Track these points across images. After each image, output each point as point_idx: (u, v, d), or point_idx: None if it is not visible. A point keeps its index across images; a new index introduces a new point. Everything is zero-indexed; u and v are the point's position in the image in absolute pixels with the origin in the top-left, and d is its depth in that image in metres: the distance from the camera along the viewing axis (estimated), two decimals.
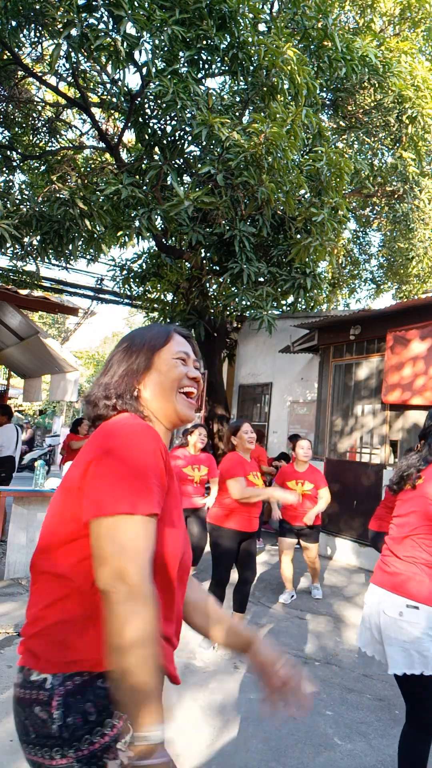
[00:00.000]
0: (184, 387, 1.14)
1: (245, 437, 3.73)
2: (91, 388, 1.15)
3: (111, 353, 1.17)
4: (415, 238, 9.85)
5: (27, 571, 4.68)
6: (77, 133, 8.64)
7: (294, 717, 2.80)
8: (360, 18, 8.00)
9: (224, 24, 5.11)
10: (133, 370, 1.11)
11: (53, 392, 8.11)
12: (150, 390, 1.11)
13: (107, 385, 1.10)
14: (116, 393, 1.08)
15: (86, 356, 27.65)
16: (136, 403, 1.08)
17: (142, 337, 1.15)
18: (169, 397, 1.11)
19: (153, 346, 1.14)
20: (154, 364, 1.12)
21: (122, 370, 1.11)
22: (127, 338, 1.18)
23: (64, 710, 0.87)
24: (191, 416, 1.15)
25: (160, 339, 1.15)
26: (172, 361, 1.13)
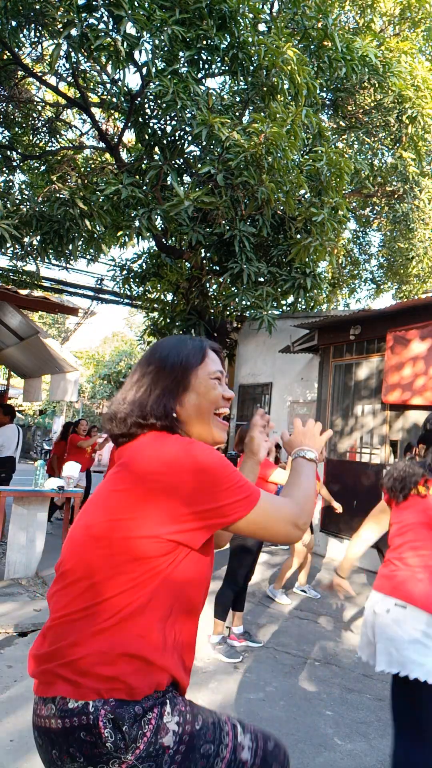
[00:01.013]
0: (220, 408, 1.15)
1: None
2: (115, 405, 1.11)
3: (142, 368, 1.13)
4: (415, 238, 9.85)
5: (27, 571, 4.68)
6: (77, 133, 8.64)
7: (294, 717, 2.81)
8: (360, 18, 7.99)
9: (224, 24, 5.11)
10: (171, 390, 1.09)
11: (53, 392, 8.11)
12: (187, 411, 1.11)
13: (142, 404, 1.08)
14: (153, 413, 1.06)
15: (86, 356, 27.65)
16: (176, 425, 1.09)
17: (177, 354, 1.12)
18: (207, 419, 1.13)
19: (190, 365, 1.12)
20: (192, 385, 1.11)
21: (160, 388, 1.09)
22: (160, 354, 1.13)
23: (112, 725, 0.91)
24: (224, 440, 1.17)
25: (197, 357, 1.13)
26: (210, 382, 1.13)
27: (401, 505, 2.11)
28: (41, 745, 0.97)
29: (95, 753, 0.90)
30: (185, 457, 0.99)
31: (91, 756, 0.90)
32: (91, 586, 0.97)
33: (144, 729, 0.93)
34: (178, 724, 0.97)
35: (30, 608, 3.97)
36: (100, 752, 0.90)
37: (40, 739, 0.96)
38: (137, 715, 0.93)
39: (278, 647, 3.77)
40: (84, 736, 0.90)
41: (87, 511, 1.06)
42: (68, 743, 0.91)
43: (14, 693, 2.79)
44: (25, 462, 16.30)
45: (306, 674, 3.38)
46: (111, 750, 0.90)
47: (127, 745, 0.91)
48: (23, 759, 2.25)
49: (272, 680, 3.24)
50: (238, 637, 3.73)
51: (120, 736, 0.90)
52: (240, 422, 10.17)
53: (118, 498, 1.00)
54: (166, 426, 1.07)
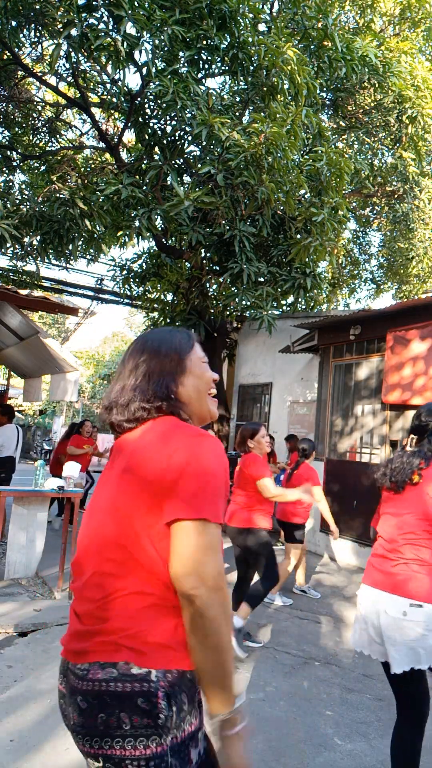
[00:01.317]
0: (210, 390, 1.24)
1: (263, 441, 3.79)
2: (114, 394, 1.16)
3: (135, 358, 1.18)
4: (415, 238, 9.85)
5: (27, 571, 4.68)
6: (77, 133, 8.64)
7: (294, 717, 2.81)
8: (360, 18, 7.99)
9: (224, 24, 5.11)
10: (170, 373, 1.16)
11: (53, 392, 8.11)
12: (188, 391, 1.18)
13: (143, 389, 1.13)
14: (158, 395, 1.12)
15: (86, 356, 27.64)
16: (178, 405, 1.15)
17: (170, 342, 1.20)
18: (203, 398, 1.21)
19: (183, 350, 1.20)
20: (188, 368, 1.19)
21: (159, 372, 1.15)
22: (152, 343, 1.20)
23: (167, 700, 0.96)
24: (217, 415, 1.27)
25: (188, 343, 1.22)
26: (203, 365, 1.23)
27: (396, 496, 2.12)
28: (84, 710, 0.98)
29: (144, 723, 0.94)
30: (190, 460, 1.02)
31: (139, 726, 0.94)
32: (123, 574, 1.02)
33: (185, 725, 0.98)
34: (204, 751, 1.03)
35: (30, 608, 3.97)
36: (149, 723, 0.94)
37: (86, 702, 0.98)
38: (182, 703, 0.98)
39: (278, 647, 3.77)
40: (141, 703, 0.95)
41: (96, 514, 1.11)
42: (122, 707, 0.95)
43: (14, 693, 2.79)
44: (25, 462, 16.30)
45: (306, 674, 3.38)
46: (160, 724, 0.94)
47: (172, 726, 0.96)
48: (23, 759, 2.25)
49: (272, 680, 3.24)
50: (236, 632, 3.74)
51: (170, 714, 0.96)
52: (240, 422, 10.17)
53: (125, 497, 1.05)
54: (171, 407, 1.12)
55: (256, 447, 3.77)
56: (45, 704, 2.71)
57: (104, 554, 1.04)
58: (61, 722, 2.54)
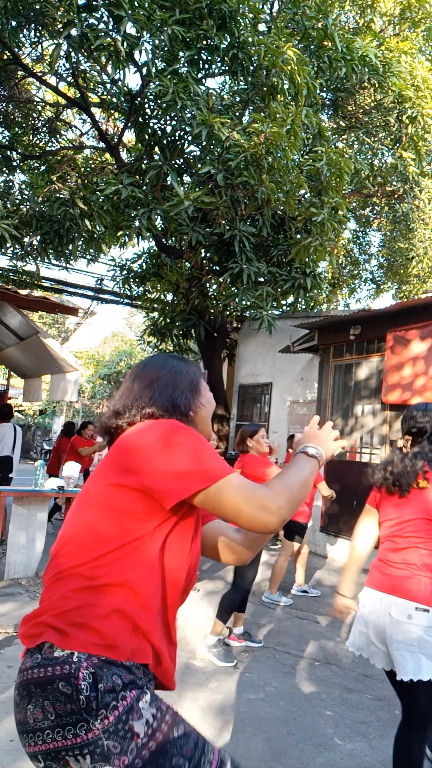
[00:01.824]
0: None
1: (262, 441, 3.79)
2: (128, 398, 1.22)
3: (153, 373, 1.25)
4: (415, 238, 9.85)
5: (27, 571, 4.68)
6: (77, 133, 8.64)
7: (294, 717, 2.81)
8: (360, 18, 7.99)
9: (224, 24, 5.11)
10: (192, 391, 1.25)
11: (53, 392, 8.11)
12: (200, 413, 1.27)
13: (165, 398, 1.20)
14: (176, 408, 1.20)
15: (86, 356, 27.64)
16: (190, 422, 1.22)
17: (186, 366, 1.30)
18: (208, 422, 1.31)
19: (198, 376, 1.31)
20: (201, 392, 1.29)
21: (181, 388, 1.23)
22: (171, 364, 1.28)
23: (91, 680, 0.92)
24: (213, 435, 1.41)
25: (199, 372, 1.34)
26: (209, 394, 1.33)
27: (399, 499, 2.09)
28: (18, 704, 0.96)
29: (67, 710, 0.90)
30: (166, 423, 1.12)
31: (63, 714, 0.90)
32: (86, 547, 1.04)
33: (118, 702, 0.92)
34: (153, 717, 0.96)
35: (30, 608, 3.97)
36: (72, 709, 0.90)
37: (18, 696, 0.97)
38: (115, 684, 0.94)
39: (278, 647, 3.77)
40: (62, 687, 0.91)
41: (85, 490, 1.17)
42: (45, 694, 0.92)
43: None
44: (25, 462, 16.29)
45: (306, 674, 3.38)
46: (82, 706, 0.90)
47: (98, 707, 0.90)
48: (23, 759, 2.25)
49: (272, 680, 3.24)
50: (238, 637, 3.73)
51: (94, 694, 0.91)
52: (240, 422, 10.17)
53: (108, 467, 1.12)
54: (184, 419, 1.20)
55: (254, 447, 3.77)
56: None
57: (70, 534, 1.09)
58: None
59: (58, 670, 0.92)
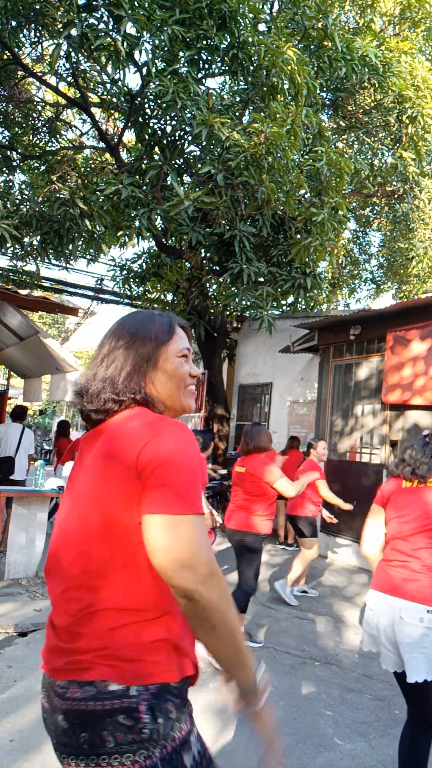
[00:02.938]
0: (188, 386, 1.16)
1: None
2: (86, 380, 1.11)
3: (110, 342, 1.13)
4: (415, 238, 9.85)
5: (27, 571, 4.69)
6: (77, 133, 8.64)
7: (294, 717, 2.81)
8: (360, 18, 8.00)
9: (224, 24, 5.11)
10: (140, 367, 1.10)
11: (53, 392, 8.10)
12: (156, 388, 1.11)
13: (113, 381, 1.07)
14: (126, 390, 1.06)
15: (86, 356, 27.60)
16: (149, 401, 1.08)
17: (146, 331, 1.13)
18: (175, 395, 1.14)
19: (158, 343, 1.12)
20: (160, 363, 1.12)
21: (129, 366, 1.09)
22: (129, 329, 1.14)
23: (152, 713, 0.93)
24: (192, 408, 1.19)
25: (165, 334, 1.14)
26: (177, 360, 1.14)
27: (410, 495, 2.08)
28: (66, 729, 0.95)
29: (128, 739, 0.92)
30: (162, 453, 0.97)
31: (123, 742, 0.92)
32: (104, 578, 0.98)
33: (175, 733, 0.95)
34: (199, 753, 1.00)
35: (30, 608, 3.97)
36: (134, 739, 0.92)
37: (67, 722, 0.95)
38: (170, 713, 0.96)
39: (278, 647, 3.77)
40: (123, 720, 0.92)
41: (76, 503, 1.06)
42: (103, 725, 0.92)
43: (14, 693, 2.79)
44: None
45: (306, 674, 3.38)
46: (145, 738, 0.92)
47: (159, 738, 0.93)
48: (23, 759, 2.25)
49: (272, 680, 3.24)
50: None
51: (156, 727, 0.93)
52: (240, 422, 10.17)
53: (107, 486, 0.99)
54: (140, 401, 1.07)
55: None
56: None
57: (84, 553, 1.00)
58: None
59: (116, 704, 0.93)
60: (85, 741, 0.93)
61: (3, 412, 9.49)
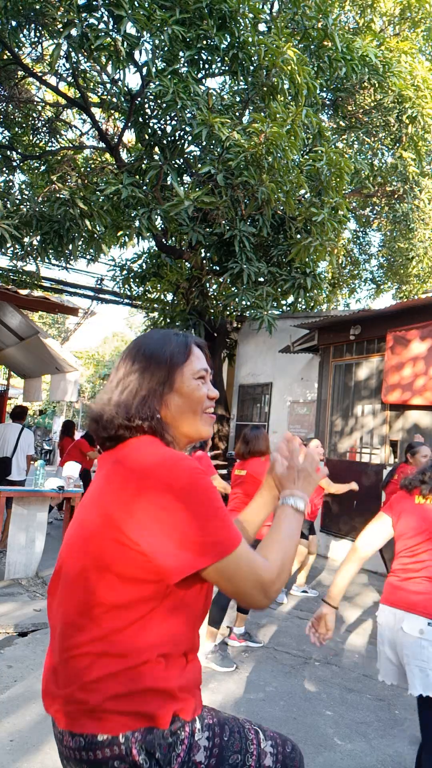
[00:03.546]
0: (206, 409, 1.12)
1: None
2: (99, 404, 1.07)
3: (126, 365, 1.09)
4: (415, 238, 9.85)
5: (27, 571, 4.69)
6: (77, 133, 8.64)
7: (294, 717, 2.80)
8: (360, 18, 8.00)
9: (224, 24, 5.11)
10: (155, 391, 1.05)
11: (53, 392, 8.11)
12: (171, 413, 1.07)
13: (127, 406, 1.03)
14: (140, 416, 1.02)
15: (86, 356, 27.65)
16: (161, 427, 1.05)
17: (162, 353, 1.08)
18: (190, 420, 1.09)
19: (174, 365, 1.08)
20: (176, 386, 1.07)
21: (144, 390, 1.05)
22: (145, 351, 1.09)
23: (146, 752, 0.91)
24: (210, 434, 1.14)
25: (181, 355, 1.10)
26: (194, 383, 1.09)
27: (414, 513, 2.07)
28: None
29: None
30: (180, 466, 0.95)
31: None
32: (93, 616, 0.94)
33: (177, 750, 0.94)
34: (209, 739, 0.99)
35: (30, 608, 3.97)
36: None
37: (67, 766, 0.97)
38: (168, 739, 0.93)
39: (278, 647, 3.77)
40: (119, 765, 0.91)
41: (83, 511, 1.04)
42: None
43: (14, 693, 2.79)
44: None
45: (306, 674, 3.38)
46: None
47: (163, 765, 0.92)
48: (23, 759, 2.25)
49: (272, 680, 3.24)
50: (239, 637, 3.73)
51: (154, 761, 0.91)
52: (240, 422, 10.17)
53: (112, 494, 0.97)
54: (152, 428, 1.03)
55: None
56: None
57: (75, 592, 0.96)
58: None
59: (107, 752, 0.91)
60: None
61: (3, 412, 9.49)
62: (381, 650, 2.06)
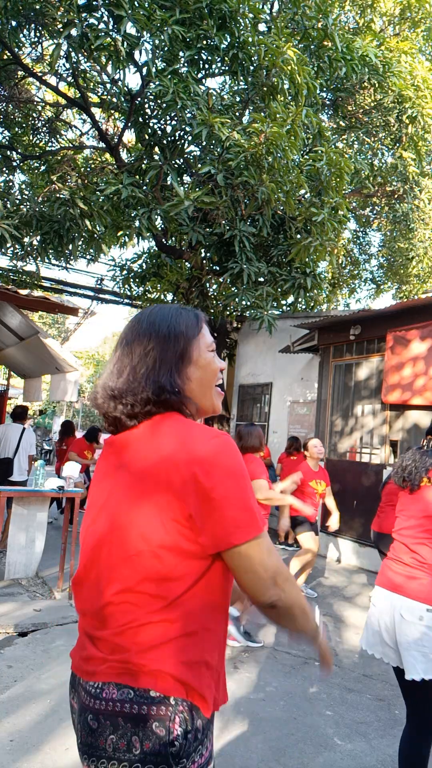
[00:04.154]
0: (218, 382, 1.13)
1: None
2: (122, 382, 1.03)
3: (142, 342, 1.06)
4: (415, 238, 9.85)
5: (27, 571, 4.68)
6: (77, 133, 8.64)
7: (294, 717, 2.81)
8: (360, 18, 7.99)
9: (224, 24, 5.11)
10: (174, 364, 1.04)
11: (53, 392, 8.11)
12: (191, 385, 1.06)
13: (155, 380, 1.01)
14: (168, 390, 1.01)
15: (86, 356, 27.66)
16: (184, 401, 1.04)
17: (177, 326, 1.07)
18: (208, 392, 1.10)
19: (190, 337, 1.07)
20: (194, 359, 1.07)
21: (168, 364, 1.03)
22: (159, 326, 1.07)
23: (184, 727, 0.92)
24: (220, 409, 1.15)
25: (195, 328, 1.09)
26: (209, 355, 1.10)
27: (410, 496, 2.10)
28: (95, 730, 0.93)
29: (155, 750, 0.90)
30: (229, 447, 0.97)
31: (149, 752, 0.90)
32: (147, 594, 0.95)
33: (196, 756, 0.95)
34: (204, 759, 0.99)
35: (30, 608, 3.97)
36: (160, 751, 0.90)
37: (97, 722, 0.94)
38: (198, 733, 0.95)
39: (278, 647, 3.77)
40: (156, 728, 0.90)
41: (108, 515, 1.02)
42: (135, 730, 0.91)
43: (14, 693, 2.79)
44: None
45: (306, 674, 3.38)
46: (172, 751, 0.91)
47: (182, 756, 0.92)
48: (23, 759, 2.25)
49: (272, 680, 3.24)
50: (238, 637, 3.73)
51: (184, 742, 0.92)
52: (240, 422, 10.17)
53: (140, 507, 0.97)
54: (180, 402, 1.03)
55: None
56: (45, 704, 2.71)
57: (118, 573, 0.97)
58: (61, 722, 2.54)
59: (153, 710, 0.91)
60: (111, 744, 0.91)
61: (3, 412, 9.50)
62: (375, 632, 2.07)
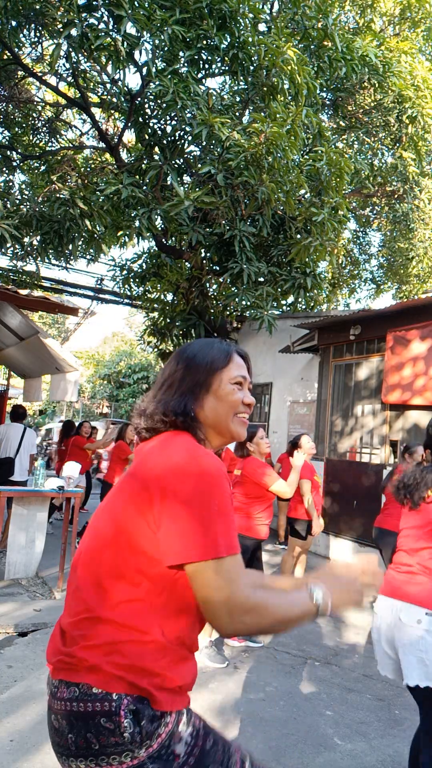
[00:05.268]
0: (240, 414, 1.18)
1: (262, 443, 3.78)
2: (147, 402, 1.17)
3: (171, 367, 1.19)
4: (415, 238, 9.85)
5: (27, 571, 4.68)
6: (77, 133, 8.64)
7: (294, 717, 2.81)
8: (360, 18, 7.99)
9: (224, 24, 5.10)
10: (192, 391, 1.14)
11: (53, 392, 8.11)
12: (205, 413, 1.15)
13: (166, 402, 1.13)
14: (174, 412, 1.11)
15: (86, 356, 27.65)
16: (195, 425, 1.12)
17: (204, 356, 1.17)
18: (224, 421, 1.16)
19: (213, 368, 1.16)
20: (212, 388, 1.15)
21: (183, 389, 1.14)
22: (188, 354, 1.19)
23: (133, 716, 0.94)
24: (243, 436, 1.20)
25: (222, 360, 1.17)
26: (230, 387, 1.16)
27: (412, 511, 2.10)
28: (57, 729, 0.98)
29: (111, 742, 0.93)
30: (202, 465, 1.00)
31: (107, 745, 0.93)
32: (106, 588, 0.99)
33: (160, 729, 0.96)
34: (191, 736, 1.01)
35: (30, 608, 3.97)
36: (116, 742, 0.93)
37: (57, 722, 0.98)
38: (156, 714, 0.96)
39: (278, 647, 3.77)
40: (104, 723, 0.93)
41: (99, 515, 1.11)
42: (87, 727, 0.94)
43: (14, 693, 2.79)
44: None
45: (306, 674, 3.38)
46: (127, 741, 0.93)
47: (143, 740, 0.94)
48: (23, 759, 2.25)
49: (272, 680, 3.24)
50: (239, 637, 3.73)
51: (138, 729, 0.93)
52: None
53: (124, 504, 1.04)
54: (185, 423, 1.11)
55: (255, 450, 3.76)
56: (45, 704, 2.71)
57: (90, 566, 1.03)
58: None
59: (98, 706, 0.94)
60: (72, 743, 0.95)
61: (3, 412, 9.49)
62: (377, 642, 2.07)
